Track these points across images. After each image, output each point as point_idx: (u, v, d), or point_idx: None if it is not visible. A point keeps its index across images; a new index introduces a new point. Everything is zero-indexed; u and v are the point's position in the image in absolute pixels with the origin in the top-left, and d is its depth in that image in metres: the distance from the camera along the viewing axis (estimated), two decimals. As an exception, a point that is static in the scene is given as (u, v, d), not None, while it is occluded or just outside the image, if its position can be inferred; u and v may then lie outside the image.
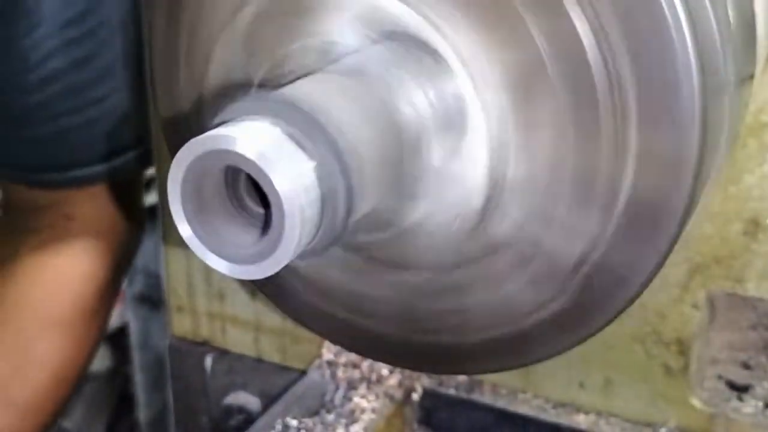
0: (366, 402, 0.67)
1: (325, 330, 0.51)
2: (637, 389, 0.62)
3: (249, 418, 0.74)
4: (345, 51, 0.40)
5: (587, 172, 0.40)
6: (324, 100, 0.36)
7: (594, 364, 0.62)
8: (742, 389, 0.62)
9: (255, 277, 0.35)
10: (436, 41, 0.40)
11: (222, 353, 0.74)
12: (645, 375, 0.61)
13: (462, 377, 0.66)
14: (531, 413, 0.64)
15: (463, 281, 0.44)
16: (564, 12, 0.38)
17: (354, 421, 0.66)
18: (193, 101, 0.46)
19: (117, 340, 1.59)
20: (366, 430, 0.66)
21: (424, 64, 0.40)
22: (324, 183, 0.34)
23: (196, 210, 0.35)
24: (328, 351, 0.69)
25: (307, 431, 0.65)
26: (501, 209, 0.41)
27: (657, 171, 0.38)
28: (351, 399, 0.67)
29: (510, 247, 0.42)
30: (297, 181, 0.33)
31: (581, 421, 0.63)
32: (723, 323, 0.62)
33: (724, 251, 0.57)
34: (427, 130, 0.39)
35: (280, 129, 0.34)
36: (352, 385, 0.68)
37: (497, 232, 0.42)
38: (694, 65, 0.37)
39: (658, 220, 0.39)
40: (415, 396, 0.68)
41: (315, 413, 0.67)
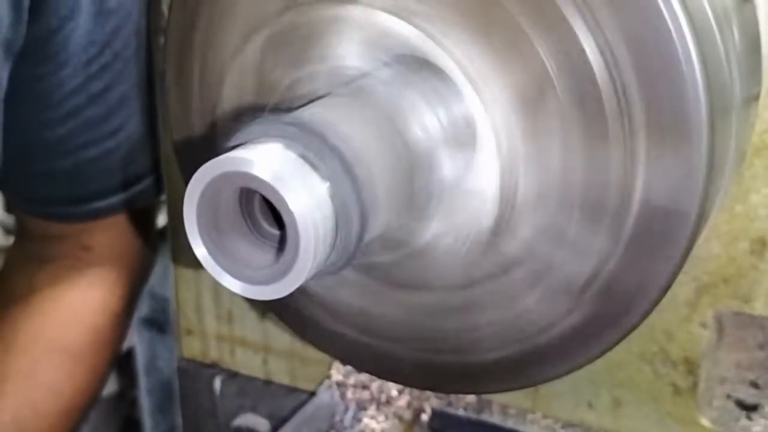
0: (375, 423, 0.67)
1: (336, 350, 0.52)
2: (646, 409, 0.61)
3: (258, 439, 0.74)
4: (356, 74, 0.41)
5: (597, 188, 0.40)
6: (336, 122, 0.37)
7: (602, 384, 0.62)
8: (750, 408, 0.62)
9: (270, 298, 0.35)
10: (445, 63, 0.40)
11: (231, 375, 0.74)
12: (653, 395, 0.61)
13: (471, 398, 0.66)
14: (540, 433, 0.64)
15: (475, 300, 0.44)
16: (570, 30, 0.39)
17: (363, 442, 0.66)
18: (206, 125, 0.47)
19: (122, 363, 1.59)
20: (375, 450, 0.66)
21: (433, 85, 0.40)
22: (337, 203, 0.34)
23: (211, 231, 0.36)
24: (337, 372, 0.69)
25: (317, 452, 0.66)
26: (512, 227, 0.42)
27: (667, 186, 0.39)
28: (360, 420, 0.67)
29: (522, 265, 0.42)
30: (311, 202, 0.34)
31: (590, 441, 0.63)
32: (731, 342, 0.62)
33: (731, 270, 0.57)
34: (438, 150, 0.40)
35: (293, 151, 0.35)
36: (361, 406, 0.68)
37: (509, 249, 0.42)
38: (701, 82, 0.37)
39: (668, 235, 0.40)
40: (424, 417, 0.68)
41: (324, 434, 0.67)
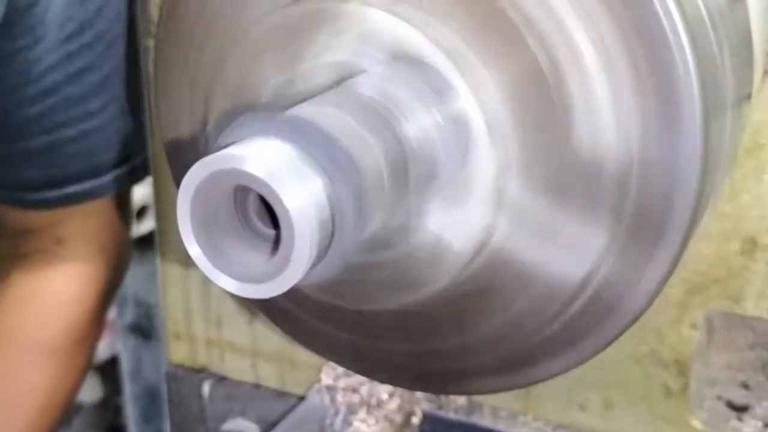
0: (366, 426, 0.67)
1: (327, 351, 0.51)
2: (637, 410, 0.61)
3: (247, 444, 0.74)
4: (352, 72, 0.41)
5: (593, 186, 0.40)
6: (331, 119, 0.36)
7: (593, 385, 0.62)
8: (741, 409, 0.62)
9: (264, 296, 0.35)
10: (440, 61, 0.40)
11: (220, 379, 0.74)
12: (644, 396, 0.61)
13: (461, 400, 0.65)
14: (531, 436, 0.64)
15: (468, 301, 0.44)
16: (564, 26, 0.38)
17: (354, 446, 0.66)
18: (199, 122, 0.46)
19: (107, 370, 1.59)
20: (366, 454, 0.65)
21: (427, 82, 0.40)
22: (333, 200, 0.34)
23: (205, 230, 0.35)
24: (327, 376, 0.69)
25: (307, 456, 0.65)
26: (506, 225, 0.41)
27: (661, 184, 0.39)
28: (351, 423, 0.67)
29: (515, 266, 0.42)
30: (306, 199, 0.34)
31: (582, 443, 0.63)
32: (721, 343, 0.62)
33: (721, 271, 0.57)
34: (434, 147, 0.39)
35: (288, 148, 0.35)
36: (351, 410, 0.68)
37: (502, 250, 0.42)
38: (695, 79, 0.37)
39: (662, 236, 0.39)
40: (415, 420, 0.68)
41: (315, 438, 0.67)
